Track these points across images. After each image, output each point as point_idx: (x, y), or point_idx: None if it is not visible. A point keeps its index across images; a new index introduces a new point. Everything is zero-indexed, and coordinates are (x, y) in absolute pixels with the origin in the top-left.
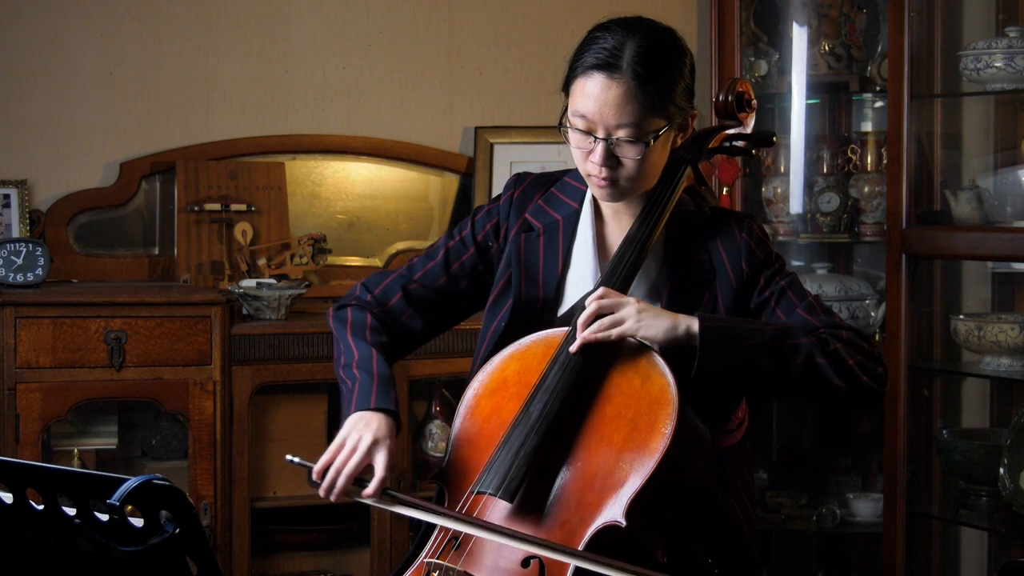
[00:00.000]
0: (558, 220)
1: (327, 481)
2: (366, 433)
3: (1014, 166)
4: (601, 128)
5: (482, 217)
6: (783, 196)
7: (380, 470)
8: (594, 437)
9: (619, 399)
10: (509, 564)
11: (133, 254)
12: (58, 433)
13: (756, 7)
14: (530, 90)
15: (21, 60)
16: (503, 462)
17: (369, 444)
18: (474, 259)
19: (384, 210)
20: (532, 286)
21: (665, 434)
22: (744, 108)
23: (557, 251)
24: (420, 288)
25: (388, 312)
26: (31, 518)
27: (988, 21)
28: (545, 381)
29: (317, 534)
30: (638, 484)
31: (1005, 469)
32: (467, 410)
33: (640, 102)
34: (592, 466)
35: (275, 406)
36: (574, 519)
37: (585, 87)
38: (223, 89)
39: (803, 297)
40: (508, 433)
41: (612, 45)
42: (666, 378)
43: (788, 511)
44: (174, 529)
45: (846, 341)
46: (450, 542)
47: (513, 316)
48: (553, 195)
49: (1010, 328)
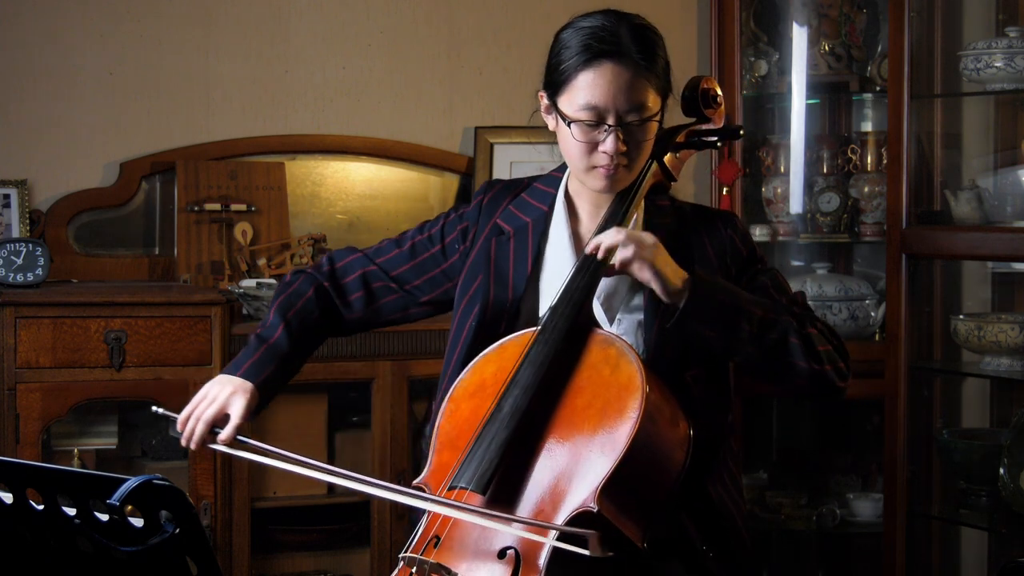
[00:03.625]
0: (527, 223)
1: (187, 428)
2: (225, 387)
3: (1014, 166)
4: (612, 115)
5: (453, 219)
6: (783, 196)
7: (235, 417)
8: (565, 427)
9: (589, 389)
10: (486, 556)
11: (133, 254)
12: (58, 433)
13: (756, 7)
14: (530, 90)
15: (21, 60)
16: (475, 456)
17: (227, 396)
18: (437, 257)
19: (384, 210)
20: (502, 288)
21: (633, 419)
22: (710, 104)
23: (527, 253)
24: (378, 271)
25: (338, 288)
26: (31, 518)
27: (988, 21)
28: (516, 377)
29: (317, 534)
30: (608, 469)
31: (1005, 469)
32: (447, 413)
33: (646, 82)
34: (564, 455)
35: (275, 406)
36: (548, 508)
37: (592, 77)
38: (223, 89)
39: (784, 293)
40: (481, 430)
41: (608, 32)
42: (633, 366)
43: (788, 511)
44: (174, 529)
45: (820, 330)
46: (431, 540)
47: (482, 316)
48: (523, 199)
49: (1010, 328)
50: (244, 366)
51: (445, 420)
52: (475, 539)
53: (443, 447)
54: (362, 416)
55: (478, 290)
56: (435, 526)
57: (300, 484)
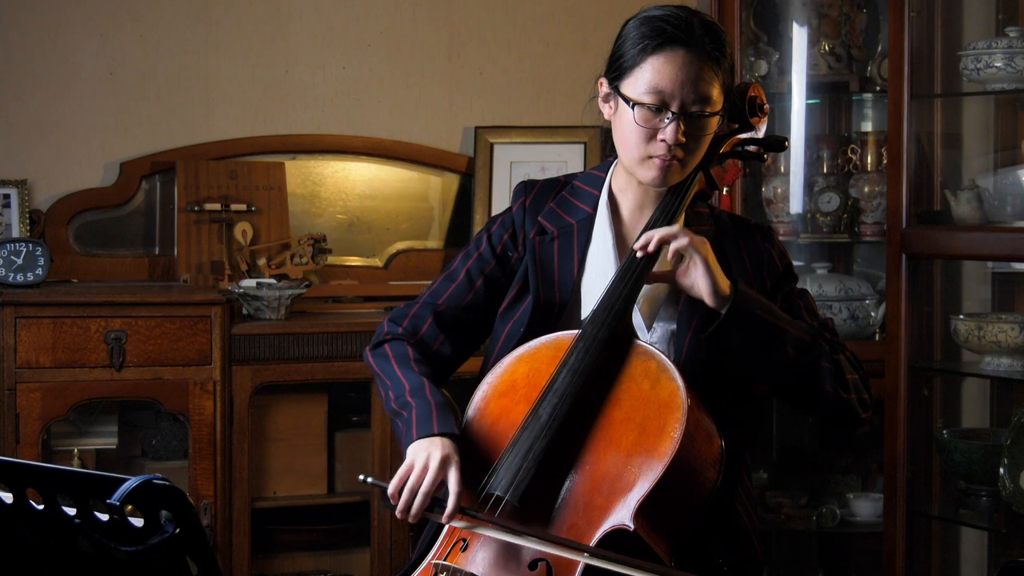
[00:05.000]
0: (572, 224)
1: (403, 501)
2: (435, 452)
3: (1014, 166)
4: (676, 103)
5: (497, 229)
6: (783, 196)
7: (454, 486)
8: (603, 441)
9: (628, 403)
10: (516, 566)
11: (133, 254)
12: (58, 433)
13: (756, 7)
14: (530, 90)
15: (21, 60)
16: (512, 464)
17: (439, 461)
18: (496, 272)
19: (384, 210)
20: (549, 289)
21: (674, 438)
22: (756, 113)
23: (572, 255)
24: (448, 310)
25: (421, 342)
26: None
27: (988, 21)
28: (555, 384)
29: (317, 534)
30: (647, 488)
31: (1005, 469)
32: (476, 412)
33: (715, 75)
34: (600, 469)
35: (275, 406)
36: (582, 522)
37: (662, 62)
38: (223, 89)
39: (816, 317)
40: (517, 435)
41: (682, 21)
42: (676, 382)
43: (788, 511)
44: (174, 529)
45: (848, 358)
46: (458, 543)
47: (532, 319)
48: (566, 199)
49: (1010, 328)
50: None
51: (474, 416)
52: (505, 547)
53: (469, 444)
54: (362, 416)
55: (524, 291)
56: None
57: (300, 484)
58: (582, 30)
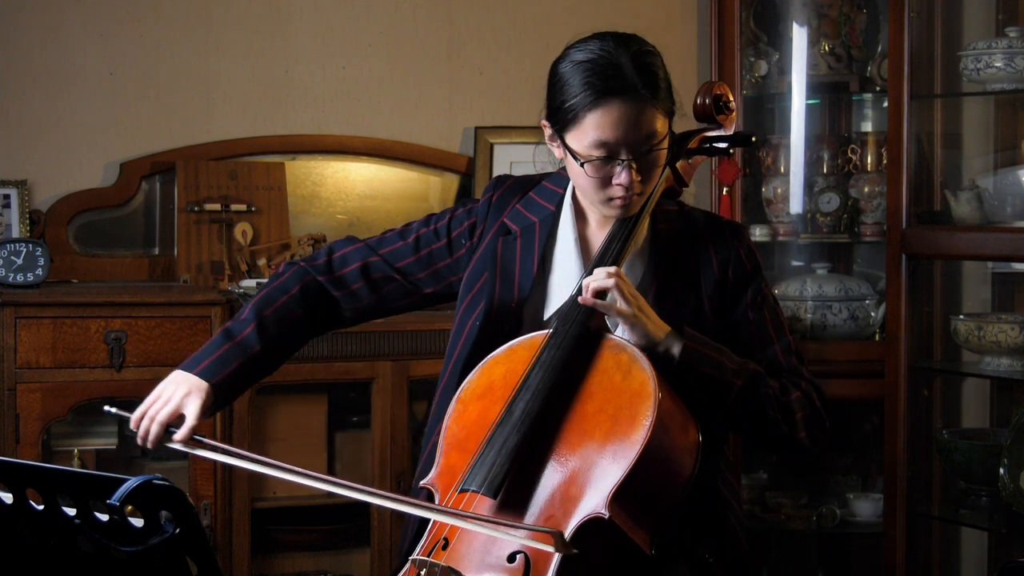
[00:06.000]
0: (534, 223)
1: (142, 428)
2: (180, 387)
3: (1014, 166)
4: (625, 150)
5: (461, 214)
6: (783, 196)
7: (191, 417)
8: (576, 433)
9: (600, 395)
10: (495, 560)
11: (133, 254)
12: (58, 433)
13: (756, 7)
14: (530, 90)
15: (21, 60)
16: (486, 460)
17: (181, 397)
18: (443, 251)
19: (384, 210)
20: (508, 287)
21: (645, 426)
22: (722, 111)
23: (533, 253)
24: (381, 262)
25: (336, 279)
26: (31, 518)
27: (988, 21)
28: (528, 381)
29: (317, 534)
30: (620, 476)
31: (1005, 469)
32: (455, 415)
33: (655, 109)
34: (574, 461)
35: (275, 406)
36: (558, 513)
37: (600, 116)
38: (223, 89)
39: (782, 335)
40: (491, 433)
41: (611, 67)
42: (646, 372)
43: (788, 511)
44: (174, 529)
45: (803, 392)
46: (440, 542)
47: (487, 316)
48: (531, 199)
49: (1010, 328)
50: (203, 363)
51: (453, 421)
52: (484, 543)
53: (451, 449)
54: (362, 416)
55: (483, 289)
56: (444, 528)
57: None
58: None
